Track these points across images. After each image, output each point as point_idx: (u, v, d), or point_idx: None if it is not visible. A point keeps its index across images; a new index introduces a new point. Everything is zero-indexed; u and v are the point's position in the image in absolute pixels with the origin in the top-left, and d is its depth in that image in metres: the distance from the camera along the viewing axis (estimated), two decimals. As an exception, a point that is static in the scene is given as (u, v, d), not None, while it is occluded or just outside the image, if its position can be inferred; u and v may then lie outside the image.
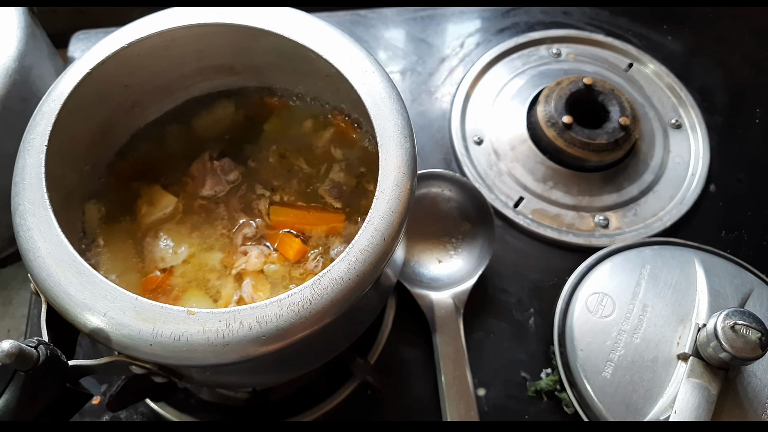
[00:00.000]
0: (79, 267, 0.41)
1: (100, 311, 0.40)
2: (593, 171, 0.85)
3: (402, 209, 0.44)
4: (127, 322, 0.39)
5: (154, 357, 0.40)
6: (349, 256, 0.42)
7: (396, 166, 0.46)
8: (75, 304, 0.40)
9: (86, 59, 0.50)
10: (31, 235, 0.42)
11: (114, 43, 0.51)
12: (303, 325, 0.40)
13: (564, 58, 0.97)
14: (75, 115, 0.49)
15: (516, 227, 0.82)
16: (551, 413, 0.70)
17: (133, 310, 0.40)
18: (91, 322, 0.40)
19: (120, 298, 0.40)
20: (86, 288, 0.40)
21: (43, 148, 0.45)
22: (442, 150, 0.88)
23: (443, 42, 0.99)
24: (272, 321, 0.40)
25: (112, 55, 0.50)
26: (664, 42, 1.00)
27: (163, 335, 0.39)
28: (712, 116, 0.92)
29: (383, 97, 0.49)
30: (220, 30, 0.53)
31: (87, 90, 0.49)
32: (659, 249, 0.77)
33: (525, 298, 0.77)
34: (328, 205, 0.57)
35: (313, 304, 0.40)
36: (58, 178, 0.47)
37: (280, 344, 0.40)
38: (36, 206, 0.43)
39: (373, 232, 0.43)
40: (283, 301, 0.40)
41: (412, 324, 0.73)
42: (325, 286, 0.41)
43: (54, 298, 0.41)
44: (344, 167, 0.58)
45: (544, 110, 0.85)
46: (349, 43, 0.52)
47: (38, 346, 0.39)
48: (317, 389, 0.68)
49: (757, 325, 0.60)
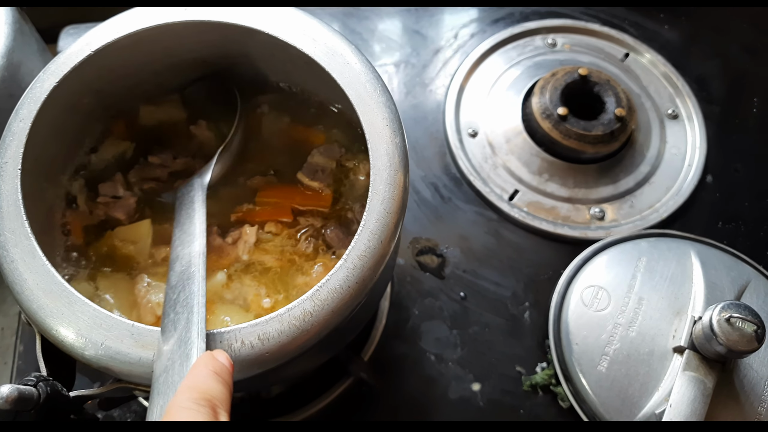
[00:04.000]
0: (69, 297, 0.40)
1: (96, 341, 0.38)
2: (589, 163, 0.84)
3: (397, 208, 0.43)
4: (126, 351, 0.38)
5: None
6: (347, 263, 0.41)
7: (387, 165, 0.44)
8: (70, 335, 0.39)
9: (53, 70, 0.47)
10: (15, 267, 0.41)
11: (81, 50, 0.48)
12: (305, 338, 0.39)
13: (559, 49, 0.96)
14: (47, 130, 0.47)
15: (511, 220, 0.81)
16: (546, 408, 0.69)
17: (130, 338, 0.38)
18: (88, 353, 0.38)
19: (116, 326, 0.39)
20: (80, 318, 0.39)
21: (17, 172, 0.43)
22: (436, 143, 0.87)
23: (437, 33, 0.98)
24: (274, 337, 0.39)
25: (80, 64, 0.48)
26: (661, 31, 0.99)
27: None
28: (709, 106, 0.91)
29: (369, 90, 0.47)
30: (190, 26, 0.50)
31: (57, 101, 0.47)
32: (655, 241, 0.77)
33: (520, 291, 0.76)
34: (310, 188, 0.56)
35: (314, 316, 0.39)
36: (36, 195, 0.45)
37: (283, 360, 0.39)
38: (17, 236, 0.41)
39: (370, 236, 0.42)
40: (283, 316, 0.39)
41: (406, 319, 0.73)
42: (324, 297, 0.40)
43: (47, 331, 0.39)
44: (323, 151, 0.57)
45: (539, 102, 0.84)
46: (329, 33, 0.49)
47: (38, 383, 0.38)
48: (311, 386, 0.68)
49: (752, 317, 0.60)
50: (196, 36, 0.52)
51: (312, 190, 0.56)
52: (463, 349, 0.72)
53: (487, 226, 0.81)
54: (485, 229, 0.81)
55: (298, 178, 0.57)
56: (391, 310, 0.74)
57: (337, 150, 0.59)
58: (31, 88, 0.47)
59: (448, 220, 0.81)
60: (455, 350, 0.72)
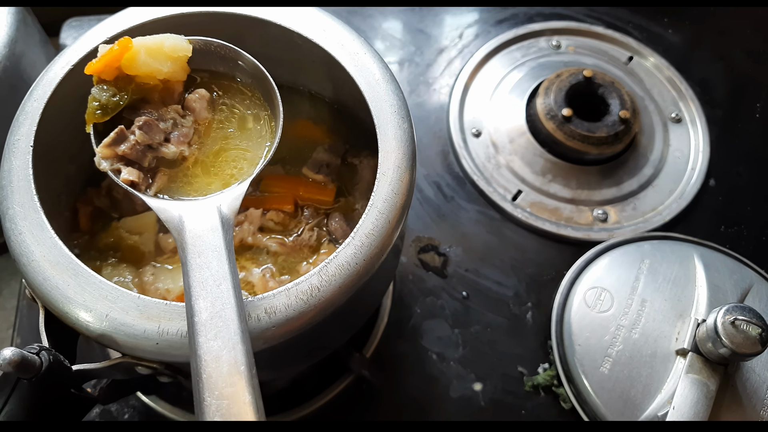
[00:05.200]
0: (76, 269, 0.40)
1: (102, 313, 0.38)
2: (592, 164, 0.84)
3: (405, 190, 0.44)
4: (131, 322, 0.38)
5: (160, 356, 0.38)
6: (355, 241, 0.41)
7: (395, 148, 0.45)
8: (75, 307, 0.39)
9: (69, 54, 0.48)
10: (23, 239, 0.41)
11: (97, 36, 0.49)
12: (312, 313, 0.39)
13: (564, 51, 0.96)
14: (59, 113, 0.47)
15: (514, 220, 0.81)
16: (548, 408, 0.69)
17: (136, 310, 0.38)
18: (93, 324, 0.38)
19: (122, 298, 0.39)
20: (85, 290, 0.39)
21: (29, 149, 0.44)
22: (440, 142, 0.87)
23: (441, 33, 0.98)
24: (281, 311, 0.39)
25: (91, 52, 0.48)
26: (665, 35, 0.99)
27: (169, 333, 0.38)
28: (713, 110, 0.91)
29: (377, 78, 0.48)
30: (202, 19, 0.51)
31: (70, 87, 0.47)
32: (658, 243, 0.76)
33: (522, 291, 0.76)
34: (314, 181, 0.56)
35: (322, 291, 0.40)
36: (45, 181, 0.45)
37: (290, 334, 0.39)
38: (26, 209, 0.41)
39: (378, 215, 0.42)
40: (291, 290, 0.39)
41: (408, 317, 0.73)
42: (332, 272, 0.40)
43: (52, 303, 0.39)
44: (327, 147, 0.57)
45: (543, 103, 0.84)
46: (338, 26, 0.50)
47: (40, 352, 0.38)
48: (311, 384, 0.67)
49: (757, 320, 0.60)
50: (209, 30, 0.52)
51: (317, 183, 0.56)
52: (465, 349, 0.71)
53: (490, 226, 0.80)
54: (488, 228, 0.80)
55: (304, 172, 0.57)
56: (393, 308, 0.73)
57: (342, 146, 0.58)
58: (45, 72, 0.47)
59: (450, 219, 0.81)
60: (457, 349, 0.72)
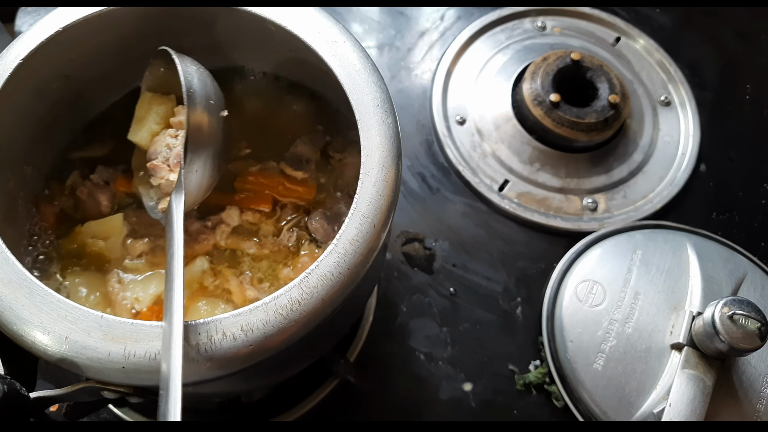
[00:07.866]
0: (31, 287, 0.36)
1: (61, 335, 0.35)
2: (581, 152, 0.81)
3: (390, 192, 0.41)
4: (94, 345, 0.35)
5: (128, 380, 0.35)
6: (338, 248, 0.38)
7: (379, 145, 0.42)
8: (31, 329, 0.35)
9: (19, 46, 0.44)
10: None
11: (53, 24, 0.44)
12: (293, 329, 0.36)
13: (549, 32, 0.93)
14: (9, 114, 0.44)
15: (501, 212, 0.78)
16: (541, 407, 0.67)
17: (99, 330, 0.35)
18: (51, 348, 0.35)
19: (82, 317, 0.35)
20: (42, 310, 0.36)
21: None
22: (423, 131, 0.83)
23: (422, 14, 0.94)
24: (259, 328, 0.36)
25: (46, 42, 0.44)
26: (653, 15, 0.96)
27: (136, 355, 0.35)
28: (702, 93, 0.89)
29: (358, 69, 0.44)
30: (164, 9, 0.47)
31: (20, 85, 0.44)
32: (650, 233, 0.74)
33: (512, 286, 0.73)
34: (293, 178, 0.53)
35: (303, 305, 0.36)
36: None
37: (270, 352, 0.36)
38: None
39: (362, 219, 0.39)
40: (269, 304, 0.36)
41: (394, 316, 0.70)
42: (314, 284, 0.37)
43: (5, 325, 0.36)
44: (306, 140, 0.54)
45: (530, 87, 0.81)
46: (315, 12, 0.47)
47: None
48: (294, 389, 0.64)
49: (756, 314, 0.58)
50: (179, 15, 0.48)
51: (295, 180, 0.53)
52: (454, 348, 0.69)
53: (477, 218, 0.77)
54: (475, 221, 0.77)
55: (281, 168, 0.53)
56: (378, 307, 0.70)
57: (322, 138, 0.55)
58: None
59: (436, 211, 0.77)
60: (445, 348, 0.69)
